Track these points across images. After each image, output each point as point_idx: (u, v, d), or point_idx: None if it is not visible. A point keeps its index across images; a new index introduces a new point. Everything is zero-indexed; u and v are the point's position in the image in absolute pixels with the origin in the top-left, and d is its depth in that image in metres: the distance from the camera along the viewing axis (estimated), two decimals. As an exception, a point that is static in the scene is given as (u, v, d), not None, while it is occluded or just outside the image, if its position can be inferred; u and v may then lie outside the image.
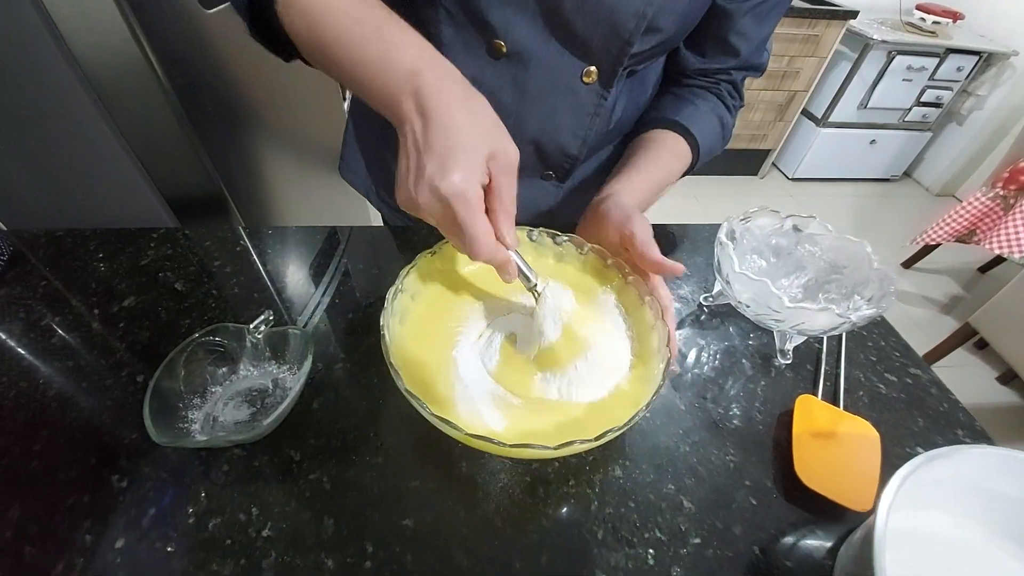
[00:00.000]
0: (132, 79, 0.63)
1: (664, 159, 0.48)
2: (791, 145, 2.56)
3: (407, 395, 0.30)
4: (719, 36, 0.47)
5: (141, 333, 0.44)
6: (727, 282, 0.43)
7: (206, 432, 0.36)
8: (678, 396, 0.42)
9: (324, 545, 0.32)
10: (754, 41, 0.48)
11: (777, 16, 0.48)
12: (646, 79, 0.52)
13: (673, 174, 0.49)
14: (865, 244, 0.44)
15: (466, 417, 0.33)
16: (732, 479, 0.37)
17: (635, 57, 0.44)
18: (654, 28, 0.41)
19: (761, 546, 0.34)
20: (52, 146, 0.68)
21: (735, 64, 0.50)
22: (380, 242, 0.57)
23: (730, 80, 0.52)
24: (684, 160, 0.50)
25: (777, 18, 0.48)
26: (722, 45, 0.48)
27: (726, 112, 0.53)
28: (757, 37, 0.48)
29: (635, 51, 0.42)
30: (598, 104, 0.47)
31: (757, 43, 0.49)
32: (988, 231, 1.65)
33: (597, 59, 0.43)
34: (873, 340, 0.49)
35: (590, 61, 0.44)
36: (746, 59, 0.50)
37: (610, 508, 0.35)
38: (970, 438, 0.42)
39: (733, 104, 0.54)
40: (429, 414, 0.29)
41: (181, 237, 0.55)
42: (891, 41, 2.05)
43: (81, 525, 0.32)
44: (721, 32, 0.47)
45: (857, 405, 0.43)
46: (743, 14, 0.45)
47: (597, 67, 0.44)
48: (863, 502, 0.35)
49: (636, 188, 0.44)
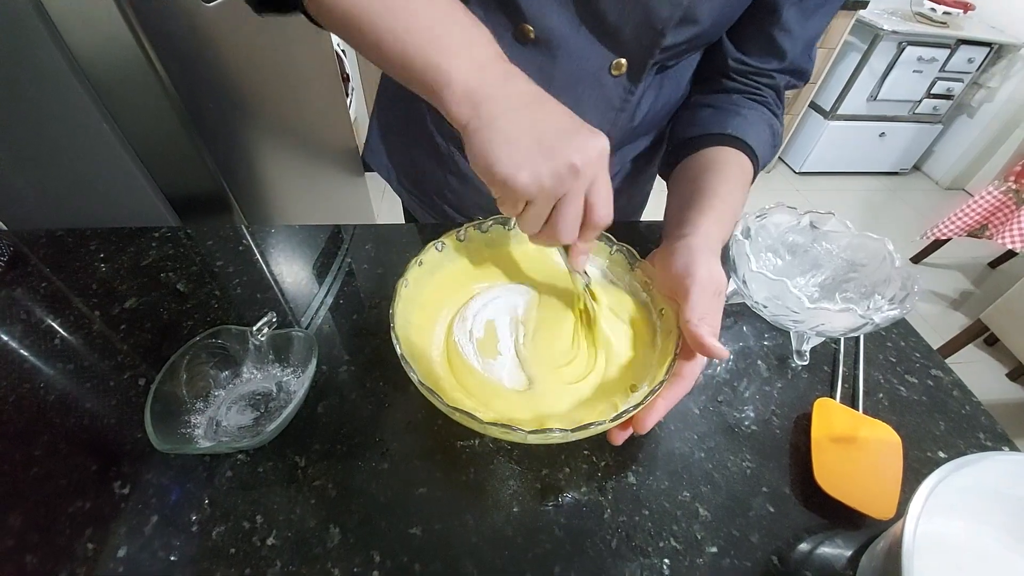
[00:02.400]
0: (132, 75, 0.62)
1: (735, 178, 0.43)
2: (798, 138, 2.53)
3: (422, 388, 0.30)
4: (763, 32, 0.44)
5: (143, 335, 0.43)
6: (743, 282, 0.42)
7: (209, 437, 0.35)
8: (691, 399, 0.41)
9: (330, 555, 0.31)
10: (800, 41, 0.45)
11: (826, 16, 0.44)
12: (678, 77, 0.49)
13: (746, 193, 0.44)
14: (886, 241, 0.43)
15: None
16: (749, 485, 0.36)
17: (667, 51, 0.41)
18: (690, 19, 0.39)
19: (779, 555, 0.33)
20: (51, 144, 0.67)
21: (779, 67, 0.46)
22: (384, 241, 0.56)
23: (773, 85, 0.48)
24: (748, 175, 0.45)
25: (826, 18, 0.44)
26: (766, 43, 0.45)
27: (774, 118, 0.48)
28: (803, 36, 0.44)
29: (668, 44, 0.40)
30: (624, 99, 0.45)
31: (803, 44, 0.45)
32: (1000, 225, 1.63)
33: (628, 50, 0.41)
34: (892, 340, 0.48)
35: (620, 53, 0.42)
36: (792, 62, 0.46)
37: (624, 516, 0.34)
38: (992, 441, 0.41)
39: (778, 112, 0.50)
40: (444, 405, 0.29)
41: (183, 236, 0.54)
42: (902, 32, 2.02)
43: (82, 533, 0.31)
44: (765, 28, 0.44)
45: (877, 408, 0.42)
46: (789, 6, 0.42)
47: (627, 59, 0.42)
48: (885, 510, 0.34)
49: (718, 218, 0.39)
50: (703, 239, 0.36)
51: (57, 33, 0.58)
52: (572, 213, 0.29)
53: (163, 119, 0.67)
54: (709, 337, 0.31)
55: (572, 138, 0.28)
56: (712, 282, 0.33)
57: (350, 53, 1.79)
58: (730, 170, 0.43)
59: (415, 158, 0.58)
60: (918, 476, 0.37)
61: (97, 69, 0.61)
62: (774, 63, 0.46)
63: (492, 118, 0.28)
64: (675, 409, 0.40)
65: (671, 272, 0.35)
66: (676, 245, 0.36)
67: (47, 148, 0.68)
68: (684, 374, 0.33)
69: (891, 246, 0.43)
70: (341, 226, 0.57)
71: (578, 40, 0.41)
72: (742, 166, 0.44)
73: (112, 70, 0.61)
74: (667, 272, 0.35)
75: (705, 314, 0.32)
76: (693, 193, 0.41)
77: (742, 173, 0.44)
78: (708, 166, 0.44)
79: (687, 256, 0.34)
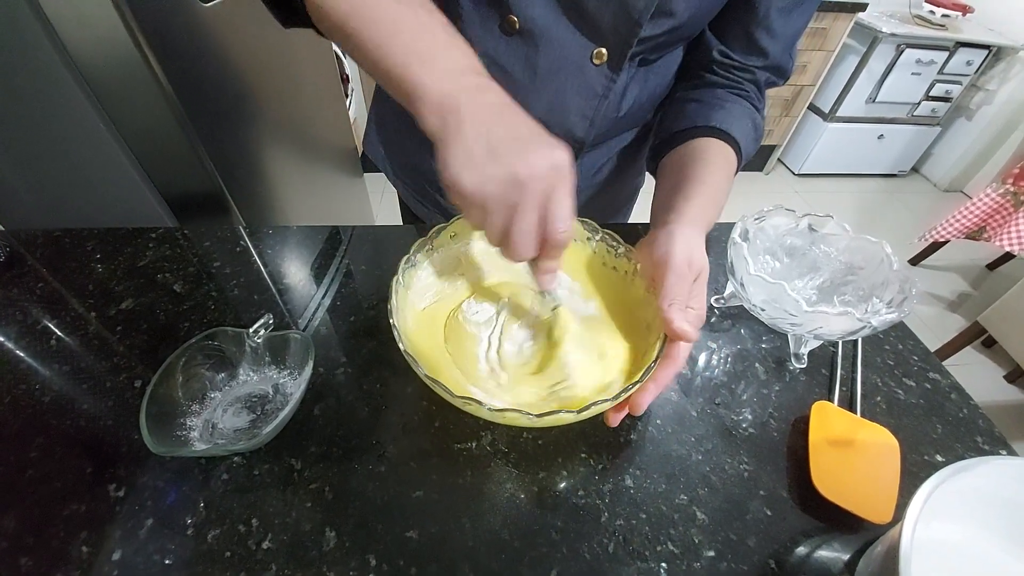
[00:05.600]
0: (128, 75, 0.62)
1: (720, 167, 0.44)
2: (797, 140, 2.53)
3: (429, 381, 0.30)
4: (744, 31, 0.45)
5: (139, 336, 0.43)
6: (741, 284, 0.42)
7: (205, 440, 0.35)
8: (689, 401, 0.41)
9: (326, 558, 0.31)
10: (781, 39, 0.46)
11: (804, 14, 0.45)
12: (663, 71, 0.50)
13: (730, 182, 0.46)
14: (884, 244, 0.43)
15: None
16: (746, 489, 0.36)
17: (646, 42, 0.42)
18: (666, 11, 0.40)
19: (776, 559, 0.33)
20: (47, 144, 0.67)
21: (761, 64, 0.48)
22: (382, 242, 0.56)
23: (754, 80, 0.49)
24: (732, 166, 0.46)
25: (804, 16, 0.46)
26: (748, 41, 0.46)
27: (756, 113, 0.50)
28: (784, 34, 0.46)
29: (646, 35, 0.41)
30: (607, 87, 0.46)
31: (784, 42, 0.46)
32: (998, 228, 1.63)
33: (607, 40, 0.42)
34: (890, 343, 0.48)
35: (600, 42, 0.43)
36: (773, 60, 0.47)
37: (621, 520, 0.33)
38: (989, 445, 0.41)
39: (759, 107, 0.51)
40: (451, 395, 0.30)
41: (180, 237, 0.54)
42: (900, 34, 2.02)
43: (77, 536, 0.31)
44: (747, 26, 0.45)
45: (874, 411, 0.42)
46: (767, 4, 0.43)
47: (607, 49, 0.43)
48: (882, 514, 0.34)
49: (703, 204, 0.40)
50: (686, 225, 0.37)
51: (53, 32, 0.58)
52: (523, 225, 0.29)
53: (160, 119, 0.66)
54: (678, 321, 0.32)
55: (523, 147, 0.28)
56: (689, 267, 0.35)
57: (349, 53, 1.79)
58: (714, 160, 0.44)
59: (408, 149, 0.61)
60: (915, 480, 0.37)
61: (94, 68, 0.61)
62: (756, 60, 0.47)
63: (458, 127, 0.28)
64: (672, 411, 0.40)
65: (653, 259, 0.36)
66: (659, 232, 0.37)
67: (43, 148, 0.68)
68: (673, 355, 0.33)
69: (889, 249, 0.43)
70: (339, 227, 0.57)
71: (560, 30, 0.42)
72: (726, 157, 0.45)
73: (109, 69, 0.61)
74: (649, 259, 0.37)
75: (676, 298, 0.33)
76: (679, 182, 0.42)
77: (726, 163, 0.45)
78: (693, 156, 0.45)
79: (667, 243, 0.36)
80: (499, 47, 0.44)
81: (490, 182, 0.27)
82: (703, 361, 0.45)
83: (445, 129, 0.29)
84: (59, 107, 0.63)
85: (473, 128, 0.28)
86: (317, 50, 1.18)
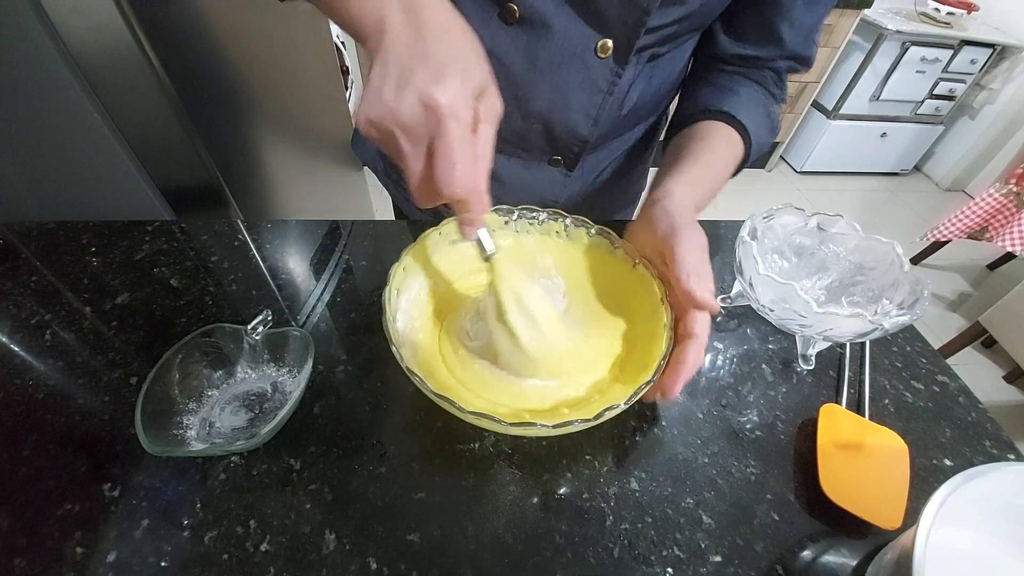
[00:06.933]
0: (125, 65, 0.60)
1: (720, 148, 0.43)
2: (800, 138, 2.52)
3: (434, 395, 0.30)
4: (763, 21, 0.44)
5: (135, 332, 0.42)
6: (749, 284, 0.41)
7: (202, 439, 0.34)
8: (695, 403, 0.41)
9: (325, 561, 0.30)
10: (802, 29, 0.44)
11: (828, 3, 0.44)
12: (670, 66, 0.48)
13: (730, 167, 0.44)
14: (895, 245, 0.42)
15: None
16: (753, 492, 0.35)
17: (654, 33, 0.41)
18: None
19: (784, 565, 0.32)
20: (42, 135, 0.66)
21: (778, 54, 0.46)
22: (383, 237, 0.55)
23: (774, 68, 0.48)
24: (738, 152, 0.45)
25: (828, 6, 0.44)
26: (766, 32, 0.44)
27: (771, 101, 0.48)
28: (806, 24, 0.44)
29: (654, 25, 0.39)
30: (611, 82, 0.44)
31: (805, 32, 0.45)
32: (1000, 228, 1.63)
33: (613, 30, 0.40)
34: (898, 345, 0.47)
35: (606, 33, 0.41)
36: (793, 50, 0.46)
37: (626, 524, 0.33)
38: (998, 449, 0.40)
39: (777, 94, 0.49)
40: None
41: (177, 231, 0.53)
42: (906, 31, 2.00)
43: (71, 536, 0.30)
44: (766, 16, 0.43)
45: (883, 414, 0.41)
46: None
47: (613, 40, 0.41)
48: (891, 519, 0.33)
49: (693, 181, 0.39)
50: (680, 200, 0.36)
51: (49, 21, 0.56)
52: (409, 173, 0.27)
53: (157, 110, 0.65)
54: (701, 291, 0.31)
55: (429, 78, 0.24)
56: (698, 239, 0.34)
57: (350, 45, 1.77)
58: (716, 142, 0.44)
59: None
60: (924, 484, 0.36)
61: (89, 58, 0.60)
62: (772, 51, 0.46)
63: (387, 48, 0.26)
64: (678, 412, 0.40)
65: (656, 236, 0.35)
66: (654, 209, 0.37)
67: (38, 139, 0.66)
68: (695, 332, 0.32)
69: (900, 250, 0.42)
70: (339, 222, 0.56)
71: (563, 19, 0.40)
72: (730, 140, 0.44)
73: (105, 59, 0.60)
74: (652, 236, 0.36)
75: (691, 270, 0.32)
76: (676, 159, 0.42)
77: (729, 146, 0.44)
78: (696, 136, 0.44)
79: (667, 219, 0.35)
80: (497, 38, 0.42)
81: (380, 120, 0.25)
82: (709, 362, 0.44)
83: (377, 49, 0.26)
84: (54, 98, 0.62)
85: (402, 48, 0.26)
86: (317, 41, 1.16)
